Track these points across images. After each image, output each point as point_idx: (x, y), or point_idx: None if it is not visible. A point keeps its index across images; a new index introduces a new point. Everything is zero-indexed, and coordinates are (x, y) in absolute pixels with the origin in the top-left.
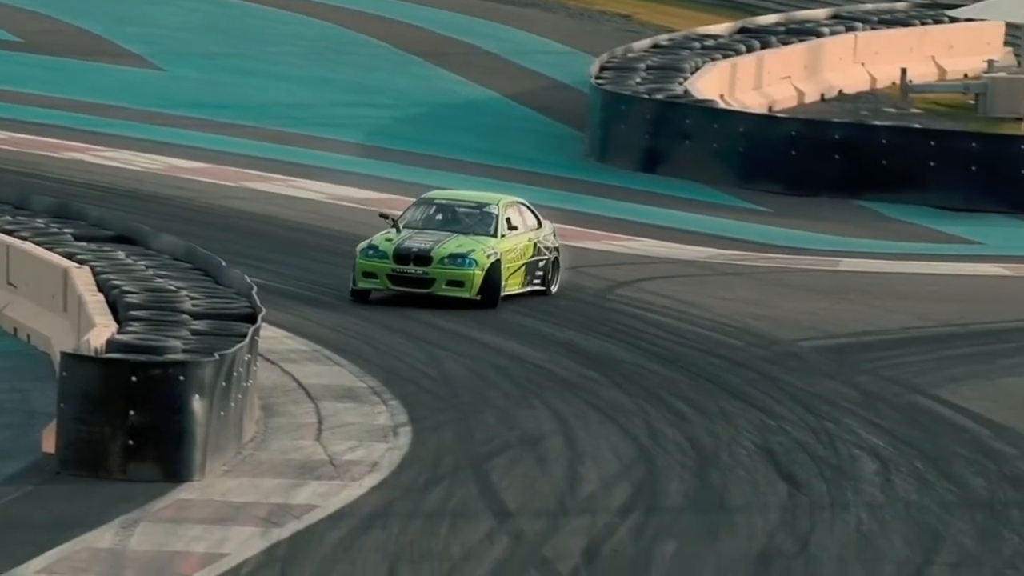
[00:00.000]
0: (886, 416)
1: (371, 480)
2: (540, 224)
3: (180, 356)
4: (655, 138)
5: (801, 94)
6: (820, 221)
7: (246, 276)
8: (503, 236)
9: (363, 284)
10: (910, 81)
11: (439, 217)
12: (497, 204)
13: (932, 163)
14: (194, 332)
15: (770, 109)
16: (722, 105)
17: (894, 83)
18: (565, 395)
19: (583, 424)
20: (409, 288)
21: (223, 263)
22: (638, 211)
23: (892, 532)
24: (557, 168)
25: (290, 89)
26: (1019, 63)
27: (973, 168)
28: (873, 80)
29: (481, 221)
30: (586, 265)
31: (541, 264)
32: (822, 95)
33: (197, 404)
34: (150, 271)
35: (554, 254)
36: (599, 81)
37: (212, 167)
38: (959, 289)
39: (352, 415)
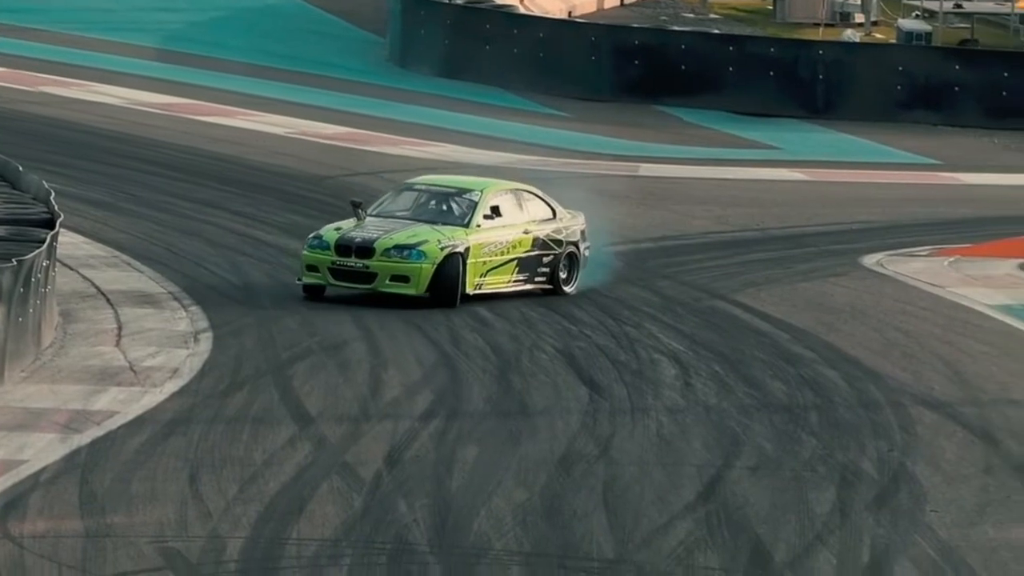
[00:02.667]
0: (686, 320)
1: (172, 386)
2: (555, 215)
3: None
4: (455, 43)
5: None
6: (620, 126)
7: (44, 182)
8: (478, 227)
9: (307, 279)
10: None
11: (414, 204)
12: (482, 191)
13: (731, 68)
14: None
15: (570, 14)
16: (522, 10)
17: None
18: (367, 301)
19: (386, 330)
20: (350, 283)
21: (20, 168)
22: (438, 116)
23: (692, 436)
24: (357, 73)
25: None
26: None
27: (771, 73)
28: None
29: (457, 209)
30: (385, 171)
31: (547, 260)
32: (621, 1)
33: None
34: None
35: (569, 248)
36: None
37: (8, 71)
38: (757, 194)
39: (152, 321)
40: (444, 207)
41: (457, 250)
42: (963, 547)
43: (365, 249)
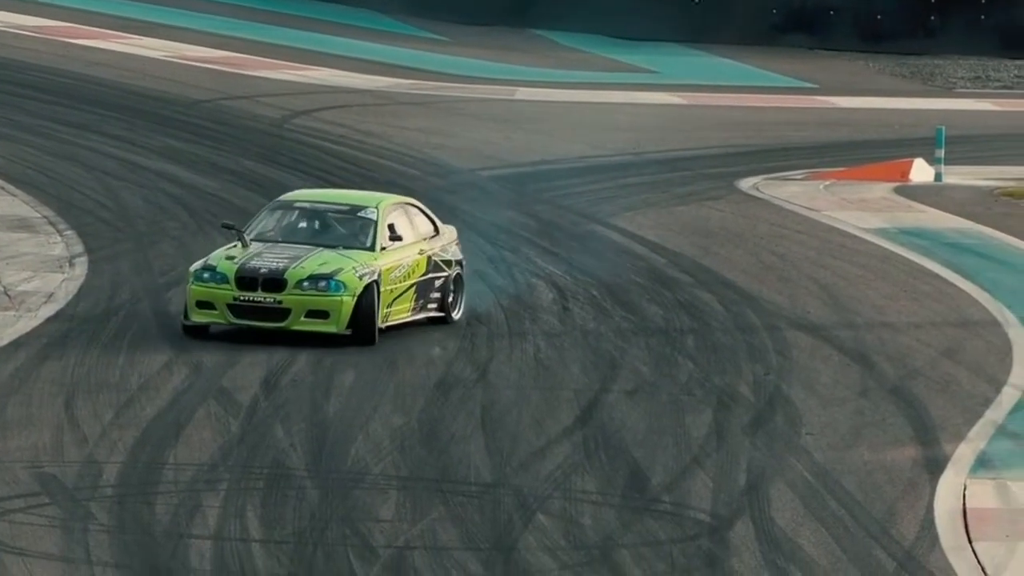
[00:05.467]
0: (563, 245)
1: (47, 311)
2: (437, 231)
3: None
4: None
5: None
6: (496, 50)
7: None
8: (383, 249)
9: (198, 317)
10: None
11: (301, 225)
12: (377, 207)
13: None
14: None
15: None
16: None
17: None
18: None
19: None
20: (257, 321)
21: None
22: (315, 40)
23: (569, 360)
24: None
25: None
26: None
27: None
28: None
29: (355, 230)
30: (263, 95)
31: (438, 283)
32: None
33: None
34: None
35: (456, 269)
36: None
37: None
38: (634, 118)
39: (27, 245)
40: (337, 227)
41: (374, 278)
42: (838, 469)
43: (275, 281)
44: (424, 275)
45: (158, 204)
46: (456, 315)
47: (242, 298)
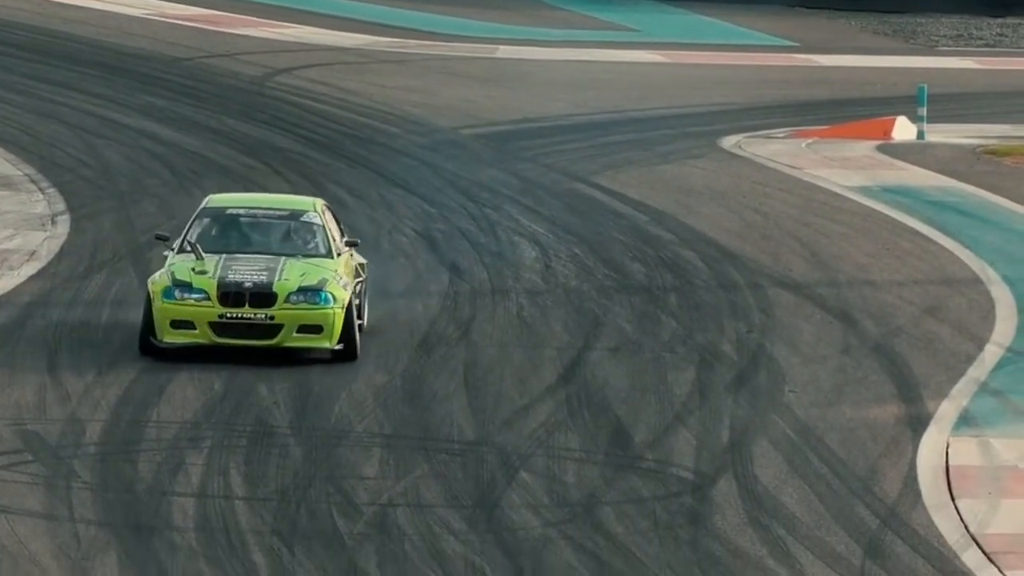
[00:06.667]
0: (545, 203)
1: (29, 269)
2: (343, 234)
3: None
4: None
5: None
6: (477, 8)
7: None
8: (338, 255)
9: (173, 338)
10: None
11: (239, 233)
12: (315, 209)
13: None
14: None
15: None
16: None
17: None
18: (224, 183)
19: None
20: (243, 340)
21: None
22: None
23: (552, 318)
24: None
25: None
26: None
27: None
28: None
29: (305, 236)
30: (244, 52)
31: (358, 290)
32: None
33: None
34: None
35: (365, 274)
36: None
37: None
38: (616, 76)
39: (8, 203)
40: (285, 234)
41: (352, 288)
42: (821, 427)
43: (263, 295)
44: (355, 281)
45: (139, 162)
46: (364, 322)
47: (228, 315)
